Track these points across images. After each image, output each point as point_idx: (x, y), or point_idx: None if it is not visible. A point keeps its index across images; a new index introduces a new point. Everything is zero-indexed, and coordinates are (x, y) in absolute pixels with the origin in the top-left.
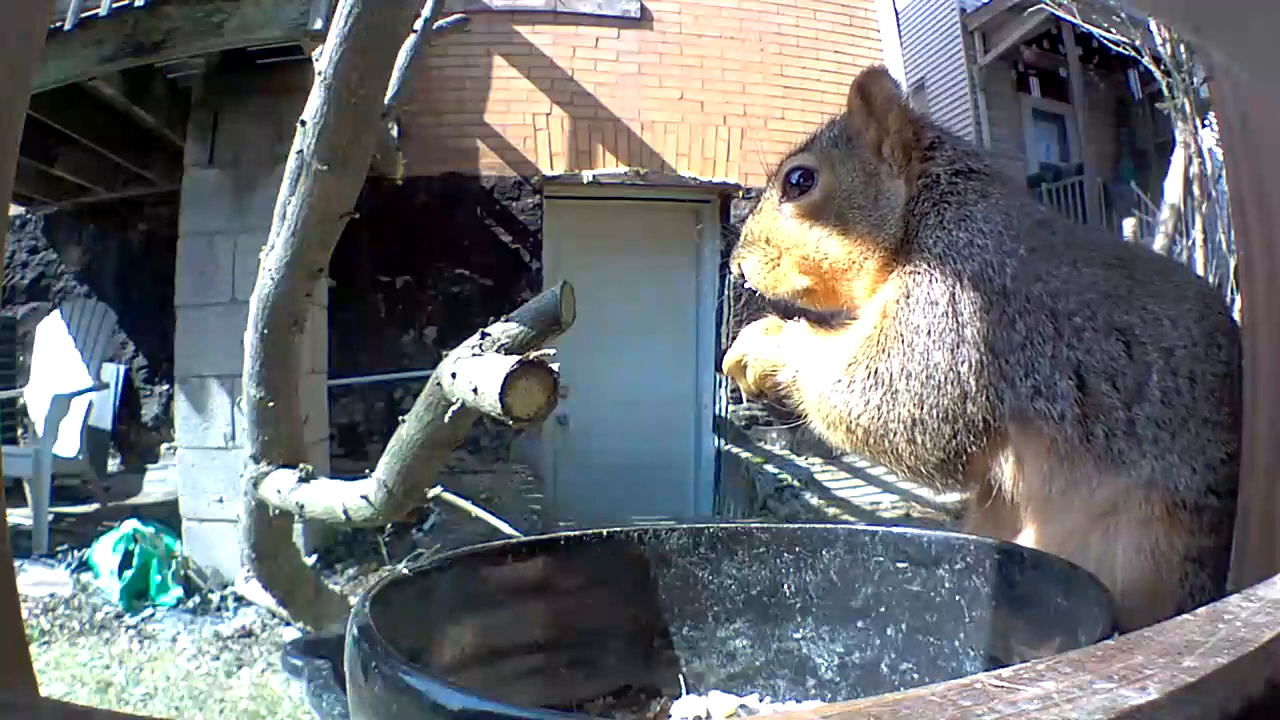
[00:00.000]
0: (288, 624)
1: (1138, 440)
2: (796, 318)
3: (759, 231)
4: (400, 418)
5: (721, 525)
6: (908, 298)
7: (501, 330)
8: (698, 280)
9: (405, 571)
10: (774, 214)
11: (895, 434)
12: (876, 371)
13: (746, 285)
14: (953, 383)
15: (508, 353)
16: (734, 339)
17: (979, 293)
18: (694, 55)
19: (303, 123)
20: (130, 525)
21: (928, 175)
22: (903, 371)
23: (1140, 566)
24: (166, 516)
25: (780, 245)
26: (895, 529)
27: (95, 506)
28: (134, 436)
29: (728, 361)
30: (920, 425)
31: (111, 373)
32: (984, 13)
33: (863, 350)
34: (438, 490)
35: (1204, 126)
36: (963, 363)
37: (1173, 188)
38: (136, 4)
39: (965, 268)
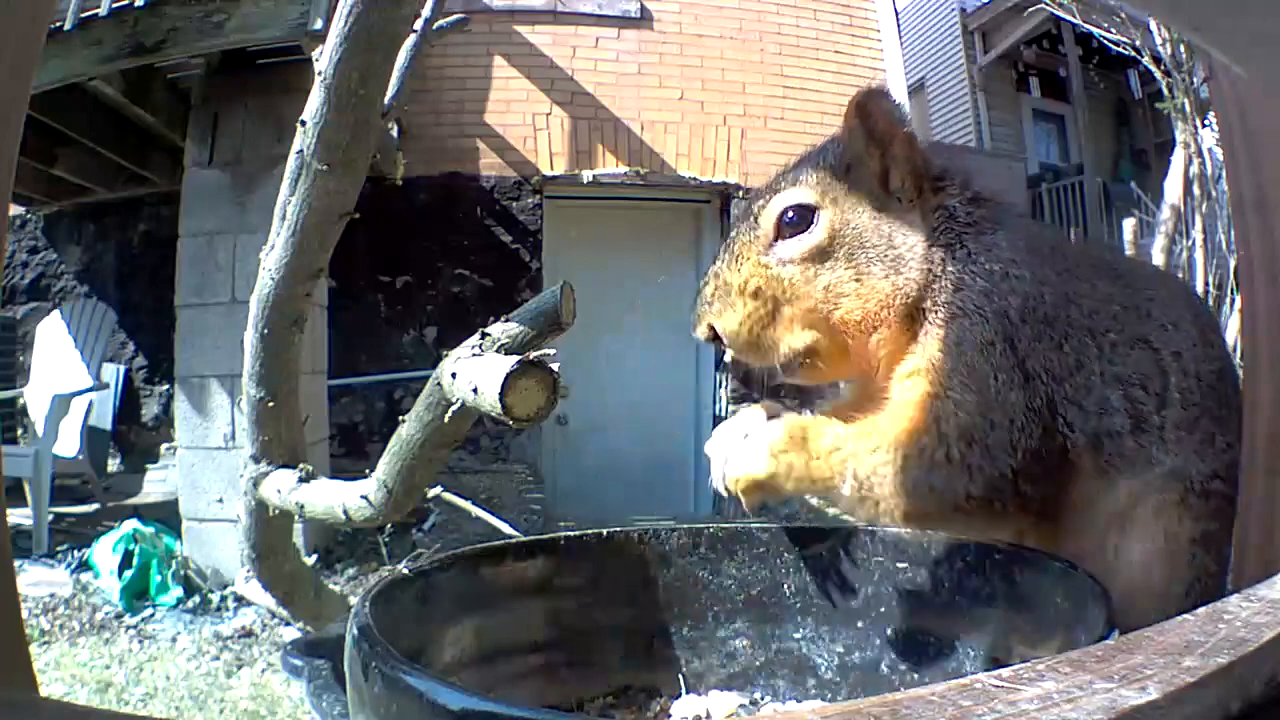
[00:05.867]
0: (288, 624)
1: (1164, 442)
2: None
3: (740, 282)
4: (400, 418)
5: (721, 525)
6: (959, 344)
7: (501, 330)
8: (698, 280)
9: (405, 571)
10: (762, 260)
11: (1004, 491)
12: (967, 434)
13: (725, 350)
14: (1034, 420)
15: (508, 353)
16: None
17: (1027, 324)
18: (694, 55)
19: (303, 123)
20: (130, 525)
21: (944, 208)
22: (988, 424)
23: (1155, 550)
24: (166, 516)
25: (775, 297)
26: (895, 529)
27: (95, 506)
28: (134, 436)
29: (738, 480)
30: (1025, 475)
31: (111, 373)
32: (984, 13)
33: (940, 417)
34: (438, 490)
35: (1204, 126)
36: (1035, 397)
37: (1173, 188)
38: (136, 4)
39: (1010, 302)
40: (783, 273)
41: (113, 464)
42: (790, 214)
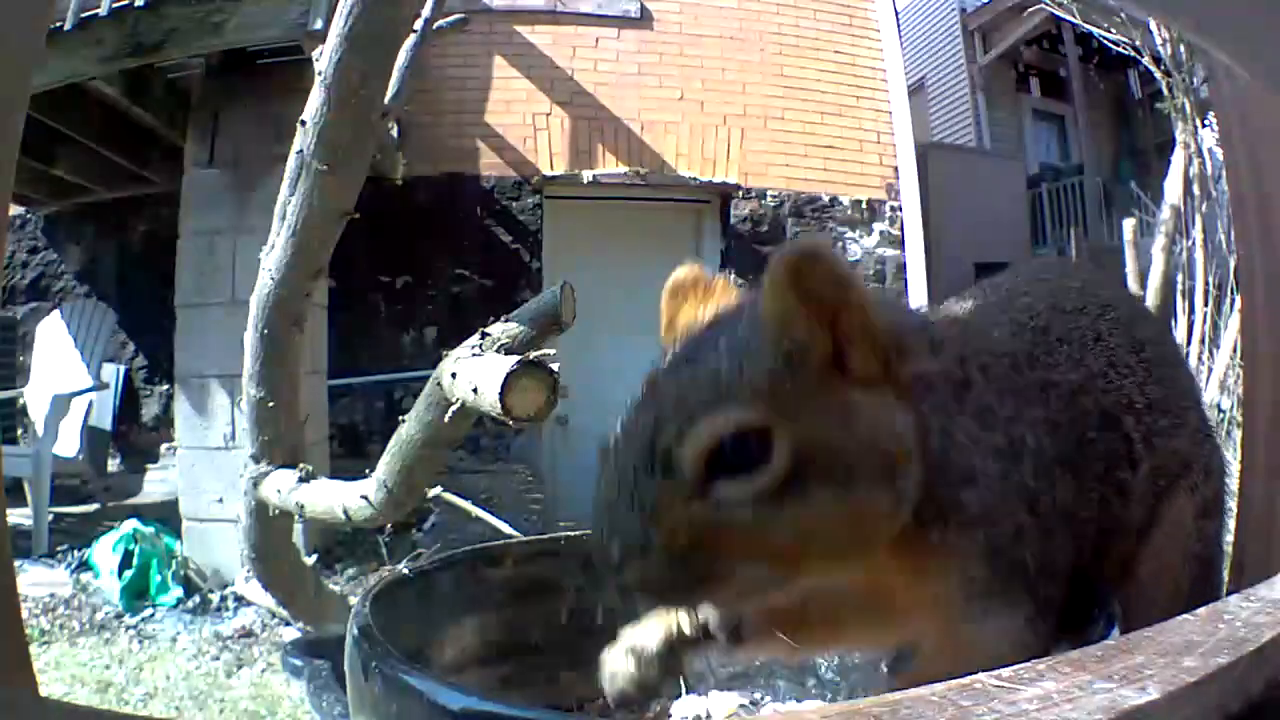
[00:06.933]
0: (288, 624)
1: (1152, 479)
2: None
3: (672, 541)
4: (400, 418)
5: None
6: (994, 554)
7: (501, 330)
8: None
9: (405, 571)
10: (701, 509)
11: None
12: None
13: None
14: (1060, 551)
15: (508, 353)
16: None
17: (1040, 482)
18: (694, 55)
19: (303, 123)
20: (130, 525)
21: (919, 377)
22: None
23: (1164, 561)
24: (166, 516)
25: (715, 557)
26: None
27: (95, 506)
28: (134, 436)
29: None
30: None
31: (111, 373)
32: (984, 13)
33: (976, 631)
34: (438, 490)
35: (1204, 126)
36: (1054, 538)
37: (1173, 188)
38: (136, 4)
39: (1023, 475)
40: (731, 518)
41: (113, 464)
42: (731, 442)
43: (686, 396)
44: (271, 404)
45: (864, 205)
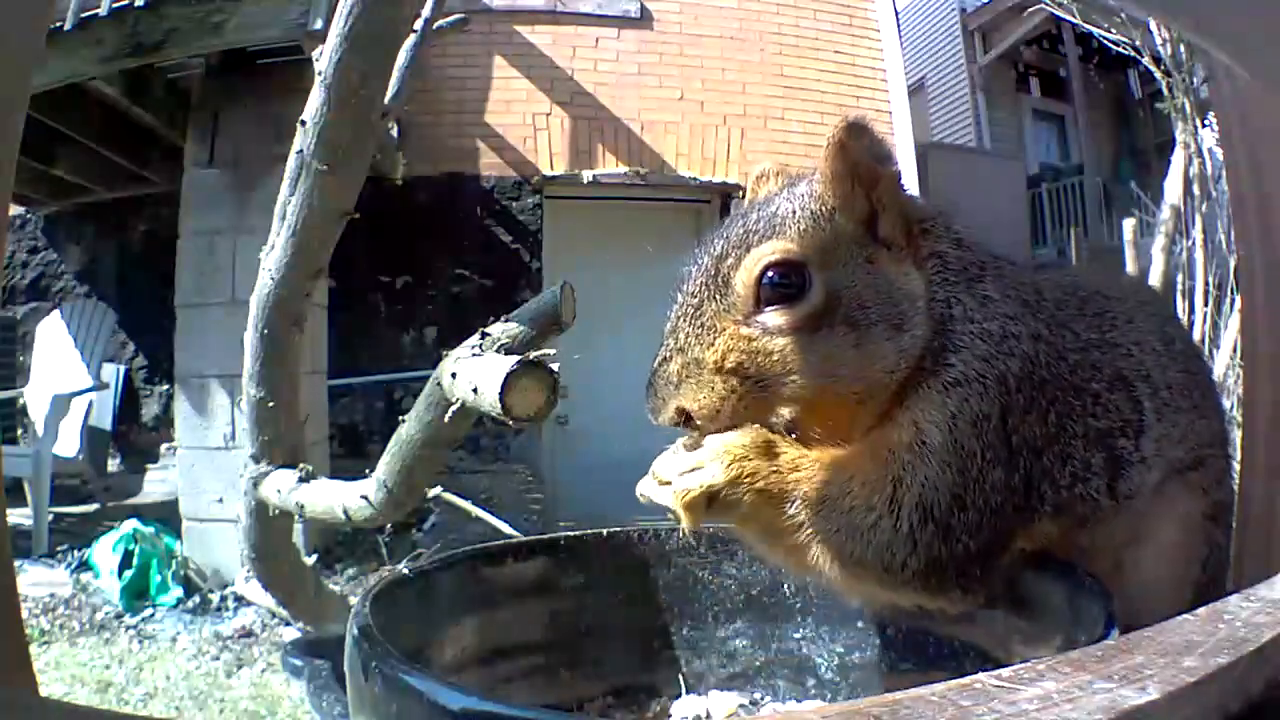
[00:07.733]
0: (288, 624)
1: (1148, 466)
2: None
3: (716, 358)
4: (400, 418)
5: (721, 525)
6: (954, 417)
7: (501, 330)
8: None
9: (405, 571)
10: (743, 331)
11: (947, 574)
12: (925, 509)
13: (695, 428)
14: (1007, 499)
15: (508, 353)
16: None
17: (1021, 393)
18: (694, 55)
19: (303, 123)
20: (130, 525)
21: (936, 255)
22: (957, 502)
23: (1166, 545)
24: (166, 516)
25: (760, 373)
26: None
27: (95, 506)
28: (134, 436)
29: (689, 492)
30: (982, 556)
31: (111, 373)
32: (984, 13)
33: (900, 482)
34: (438, 490)
35: (1204, 126)
36: (1014, 473)
37: (1173, 188)
38: (136, 4)
39: (1009, 367)
40: (771, 345)
41: (113, 464)
42: (773, 274)
43: (747, 234)
44: (271, 404)
45: None
